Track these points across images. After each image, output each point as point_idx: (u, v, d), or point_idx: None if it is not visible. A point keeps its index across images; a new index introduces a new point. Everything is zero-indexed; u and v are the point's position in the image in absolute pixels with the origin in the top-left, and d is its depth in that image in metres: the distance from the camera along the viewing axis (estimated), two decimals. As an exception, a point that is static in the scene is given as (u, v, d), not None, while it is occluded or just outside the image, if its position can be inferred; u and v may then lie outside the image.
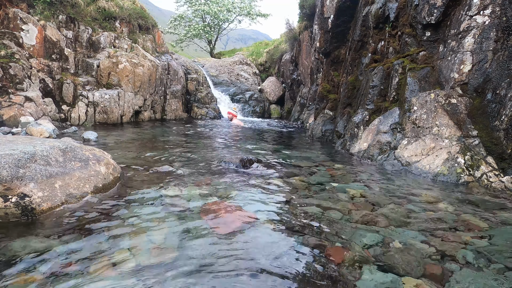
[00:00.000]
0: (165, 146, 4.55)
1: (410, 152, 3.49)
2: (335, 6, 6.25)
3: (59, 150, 2.23)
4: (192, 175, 2.89)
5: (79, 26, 7.38)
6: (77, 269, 1.33)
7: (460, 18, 3.59)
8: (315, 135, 6.18)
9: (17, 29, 6.11)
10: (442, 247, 1.62)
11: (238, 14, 19.34)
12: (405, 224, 1.92)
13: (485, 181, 2.81)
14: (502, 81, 3.01)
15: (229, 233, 1.71)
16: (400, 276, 1.37)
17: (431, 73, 3.92)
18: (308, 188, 2.63)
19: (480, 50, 3.29)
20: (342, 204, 2.25)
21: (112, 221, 1.80)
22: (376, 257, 1.52)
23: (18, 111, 5.34)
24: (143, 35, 9.29)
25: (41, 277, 1.27)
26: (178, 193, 2.34)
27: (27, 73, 5.92)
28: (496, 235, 1.78)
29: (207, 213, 1.96)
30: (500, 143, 2.88)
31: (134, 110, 8.03)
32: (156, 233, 1.67)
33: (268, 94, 12.45)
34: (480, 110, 3.17)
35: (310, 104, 9.05)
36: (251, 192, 2.45)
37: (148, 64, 8.33)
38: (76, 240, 1.57)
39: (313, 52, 8.73)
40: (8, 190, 1.79)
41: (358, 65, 5.55)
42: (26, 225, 1.72)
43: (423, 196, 2.49)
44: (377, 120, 4.32)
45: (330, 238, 1.71)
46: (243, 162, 3.31)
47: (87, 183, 2.18)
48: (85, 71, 7.33)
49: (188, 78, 11.09)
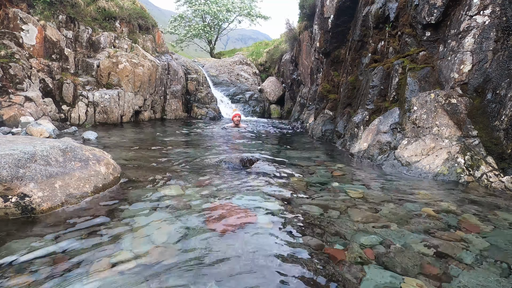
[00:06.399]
0: (165, 146, 4.55)
1: (410, 152, 3.49)
2: (335, 6, 6.24)
3: (59, 150, 2.23)
4: (192, 175, 2.89)
5: (79, 26, 7.38)
6: (77, 269, 1.33)
7: (460, 18, 3.59)
8: (315, 135, 6.17)
9: (17, 29, 6.11)
10: (442, 247, 1.62)
11: (238, 14, 19.34)
12: (405, 224, 1.91)
13: (485, 181, 2.81)
14: (502, 81, 3.01)
15: (229, 233, 1.71)
16: (400, 276, 1.37)
17: (431, 73, 3.92)
18: (308, 188, 2.63)
19: (480, 50, 3.29)
20: (342, 204, 2.25)
21: (112, 221, 1.80)
22: (376, 257, 1.52)
23: (18, 111, 5.34)
24: (143, 35, 9.29)
25: (41, 277, 1.27)
26: (178, 193, 2.34)
27: (27, 73, 5.92)
28: (496, 235, 1.78)
29: (207, 213, 1.96)
30: (500, 143, 2.88)
31: (134, 110, 8.03)
32: (156, 233, 1.67)
33: (268, 94, 12.44)
34: (480, 110, 3.17)
35: (310, 104, 9.05)
36: (251, 192, 2.45)
37: (148, 64, 8.33)
38: (76, 240, 1.57)
39: (313, 52, 8.73)
40: (8, 190, 1.79)
41: (358, 65, 5.55)
42: (26, 225, 1.71)
43: (423, 196, 2.49)
44: (377, 120, 4.32)
45: (330, 238, 1.71)
46: (243, 162, 3.31)
47: (87, 183, 2.18)
48: (85, 71, 7.33)
49: (188, 78, 11.09)
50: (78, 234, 1.64)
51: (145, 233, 1.67)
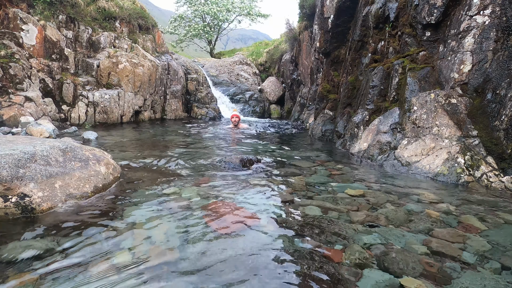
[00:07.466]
0: (165, 146, 4.55)
1: (410, 152, 3.49)
2: (335, 6, 6.25)
3: (59, 150, 2.23)
4: (192, 175, 2.89)
5: (79, 26, 7.38)
6: (77, 269, 1.33)
7: (460, 18, 3.59)
8: (315, 135, 6.17)
9: (17, 29, 6.11)
10: (442, 247, 1.62)
11: (238, 14, 19.35)
12: (405, 224, 1.92)
13: (485, 181, 2.81)
14: (502, 81, 3.01)
15: (229, 233, 1.71)
16: (400, 277, 1.37)
17: (431, 73, 3.92)
18: (308, 188, 2.63)
19: (480, 50, 3.29)
20: (342, 204, 2.25)
21: (112, 221, 1.80)
22: (376, 257, 1.52)
23: (18, 111, 5.34)
24: (143, 35, 9.29)
25: (41, 277, 1.27)
26: (178, 193, 2.34)
27: (27, 73, 5.92)
28: (496, 236, 1.78)
29: (207, 213, 1.96)
30: (500, 143, 2.88)
31: (134, 110, 8.04)
32: (156, 233, 1.67)
33: (268, 94, 12.44)
34: (480, 110, 3.17)
35: (310, 104, 9.05)
36: (251, 192, 2.45)
37: (148, 64, 8.33)
38: (76, 240, 1.57)
39: (313, 52, 8.73)
40: (8, 190, 1.79)
41: (358, 65, 5.55)
42: (26, 225, 1.71)
43: (423, 196, 2.49)
44: (377, 120, 4.32)
45: (330, 238, 1.71)
46: (243, 162, 3.31)
47: (87, 183, 2.18)
48: (85, 71, 7.33)
49: (188, 78, 11.09)
50: (78, 234, 1.64)
51: (145, 233, 1.67)
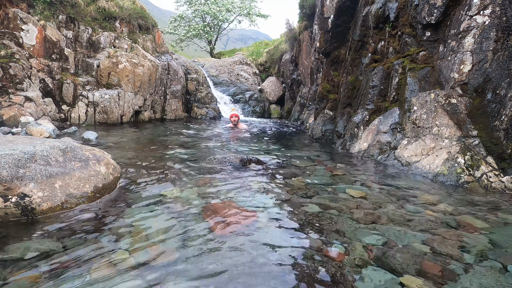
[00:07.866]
0: (165, 146, 4.55)
1: (410, 152, 3.49)
2: (335, 6, 6.25)
3: (59, 150, 2.23)
4: (192, 175, 2.89)
5: (79, 26, 7.38)
6: (76, 269, 1.33)
7: (460, 18, 3.59)
8: (315, 135, 6.17)
9: (17, 29, 6.11)
10: (442, 247, 1.62)
11: (238, 14, 19.34)
12: (405, 224, 1.92)
13: (485, 181, 2.81)
14: (502, 81, 3.01)
15: (229, 233, 1.71)
16: (400, 276, 1.37)
17: (431, 73, 3.92)
18: (308, 188, 2.63)
19: (480, 50, 3.29)
20: (342, 204, 2.25)
21: (112, 222, 1.80)
22: (376, 257, 1.52)
23: (18, 111, 5.34)
24: (143, 35, 9.29)
25: (41, 277, 1.27)
26: (178, 193, 2.34)
27: (27, 73, 5.92)
28: (496, 235, 1.78)
29: (207, 213, 1.96)
30: (500, 143, 2.88)
31: (134, 110, 8.03)
32: (156, 233, 1.67)
33: (268, 94, 12.44)
34: (480, 110, 3.17)
35: (310, 104, 9.05)
36: (251, 192, 2.45)
37: (148, 64, 8.33)
38: (75, 240, 1.57)
39: (313, 52, 8.73)
40: (8, 190, 1.79)
41: (358, 65, 5.55)
42: (26, 225, 1.71)
43: (423, 196, 2.49)
44: (377, 120, 4.32)
45: (330, 237, 1.71)
46: (243, 162, 3.31)
47: (87, 183, 2.18)
48: (85, 71, 7.33)
49: (188, 78, 11.08)
50: (78, 233, 1.64)
51: (145, 233, 1.67)
